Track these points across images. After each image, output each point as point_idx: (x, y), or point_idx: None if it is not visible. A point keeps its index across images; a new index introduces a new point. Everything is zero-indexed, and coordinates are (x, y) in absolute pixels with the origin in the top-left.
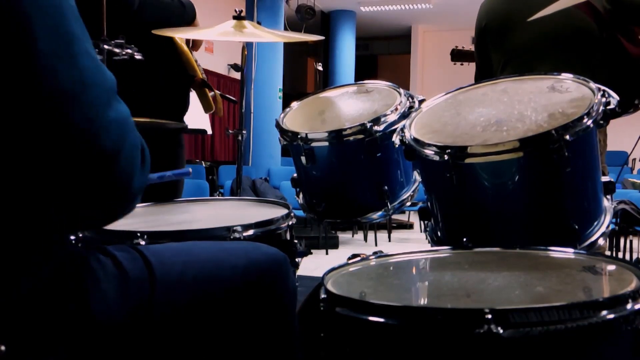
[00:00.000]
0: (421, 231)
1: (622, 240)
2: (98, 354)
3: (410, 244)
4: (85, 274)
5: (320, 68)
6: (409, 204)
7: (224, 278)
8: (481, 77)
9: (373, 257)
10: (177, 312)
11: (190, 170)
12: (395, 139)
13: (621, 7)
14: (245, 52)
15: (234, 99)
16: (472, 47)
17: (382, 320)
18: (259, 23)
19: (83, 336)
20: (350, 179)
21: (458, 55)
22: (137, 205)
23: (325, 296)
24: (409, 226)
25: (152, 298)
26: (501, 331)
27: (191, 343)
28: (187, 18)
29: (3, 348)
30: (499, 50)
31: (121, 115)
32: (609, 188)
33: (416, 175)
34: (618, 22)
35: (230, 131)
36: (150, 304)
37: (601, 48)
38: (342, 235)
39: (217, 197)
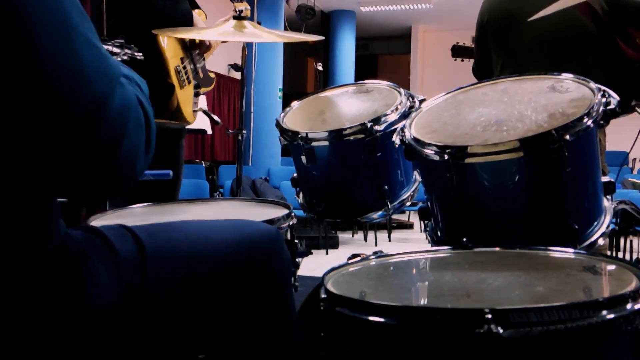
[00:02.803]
0: (421, 231)
1: (622, 240)
2: (93, 335)
3: (410, 244)
4: (78, 255)
5: (320, 68)
6: (409, 204)
7: (216, 254)
8: (479, 71)
9: (373, 257)
10: (170, 290)
11: (171, 173)
12: (396, 138)
13: (620, 9)
14: (245, 52)
15: (218, 120)
16: (473, 44)
17: (382, 320)
18: (259, 23)
19: (78, 318)
20: (350, 179)
21: (459, 52)
22: (137, 205)
23: (325, 296)
24: (409, 226)
25: (145, 276)
26: (501, 331)
27: (186, 321)
28: (177, 16)
29: None
30: (498, 48)
31: (125, 101)
32: (609, 188)
33: (416, 175)
34: (616, 25)
35: (230, 131)
36: (143, 283)
37: (599, 49)
38: (342, 235)
39: (217, 197)
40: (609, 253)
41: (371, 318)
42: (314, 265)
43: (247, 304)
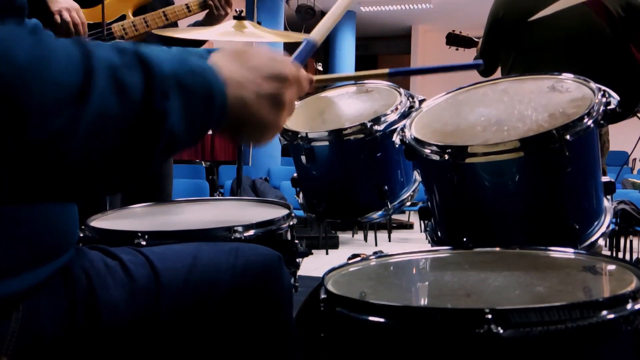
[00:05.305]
0: (421, 231)
1: (622, 240)
2: (102, 356)
3: (410, 244)
4: (95, 280)
5: (320, 68)
6: (409, 204)
7: (224, 281)
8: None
9: (373, 257)
10: (180, 317)
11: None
12: (396, 138)
13: (634, 14)
14: None
15: None
16: (468, 33)
17: (382, 320)
18: (259, 23)
19: (90, 343)
20: (350, 179)
21: (454, 40)
22: (137, 205)
23: (325, 296)
24: (409, 226)
25: (158, 304)
26: (501, 331)
27: (192, 346)
28: None
29: None
30: (511, 44)
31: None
32: (609, 188)
33: (416, 175)
34: (629, 30)
35: None
36: (156, 310)
37: (611, 52)
38: (342, 235)
39: (217, 197)
40: (608, 253)
41: (371, 318)
42: (314, 265)
43: (249, 328)
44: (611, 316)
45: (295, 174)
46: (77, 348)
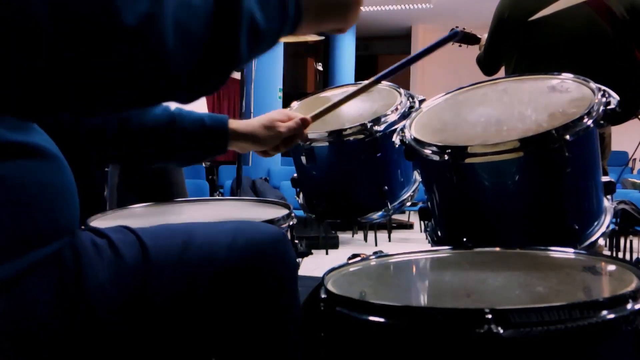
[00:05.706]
0: (421, 231)
1: (622, 240)
2: (92, 340)
3: (410, 244)
4: (84, 261)
5: (320, 68)
6: (409, 204)
7: (221, 259)
8: (486, 62)
9: (373, 257)
10: (172, 297)
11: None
12: (396, 139)
13: (638, 18)
14: None
15: None
16: (472, 30)
17: (382, 320)
18: None
19: (78, 327)
20: (350, 179)
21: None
22: (137, 205)
23: (325, 296)
24: (409, 226)
25: (147, 284)
26: (501, 331)
27: (189, 325)
28: None
29: None
30: (515, 44)
31: None
32: (609, 188)
33: (416, 175)
34: (635, 33)
35: None
36: (145, 290)
37: (614, 54)
38: (342, 235)
39: (217, 197)
40: (608, 253)
41: (371, 318)
42: (314, 265)
43: (250, 307)
44: (611, 316)
45: (295, 174)
46: (64, 333)
